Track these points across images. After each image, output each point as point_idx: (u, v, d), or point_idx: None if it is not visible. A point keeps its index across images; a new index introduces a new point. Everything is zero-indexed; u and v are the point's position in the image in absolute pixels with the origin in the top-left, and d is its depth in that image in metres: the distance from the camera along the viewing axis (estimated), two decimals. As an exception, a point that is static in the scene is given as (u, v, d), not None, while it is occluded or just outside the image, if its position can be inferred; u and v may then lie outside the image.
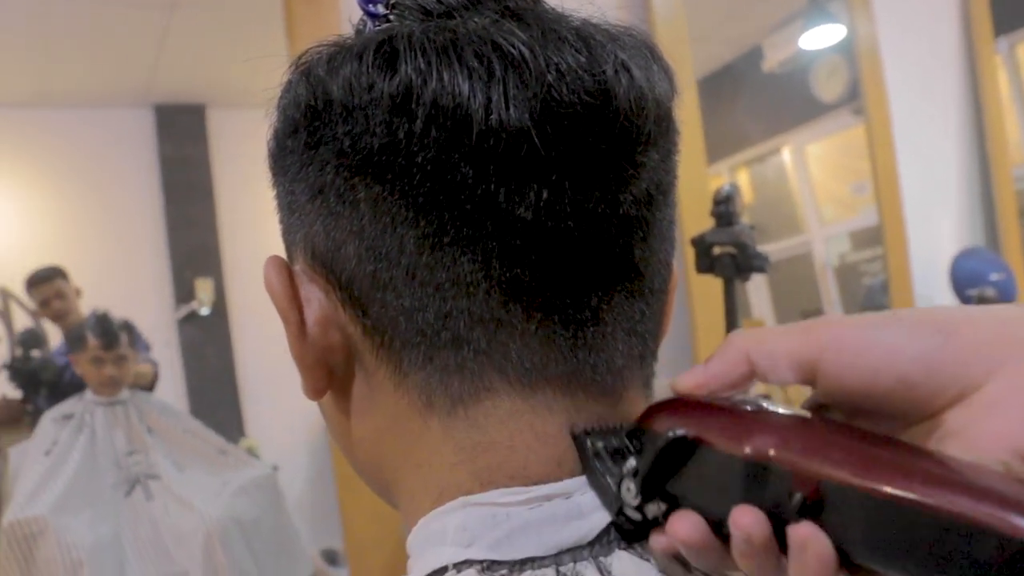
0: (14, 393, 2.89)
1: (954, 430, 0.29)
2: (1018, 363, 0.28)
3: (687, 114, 2.13)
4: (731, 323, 1.30)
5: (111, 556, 2.12)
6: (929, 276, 2.66)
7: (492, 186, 0.34)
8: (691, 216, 1.93)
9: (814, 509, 0.29)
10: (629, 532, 0.35)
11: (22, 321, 4.26)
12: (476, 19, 0.36)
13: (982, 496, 0.26)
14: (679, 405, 0.35)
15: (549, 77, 0.34)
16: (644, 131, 0.36)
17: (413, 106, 0.34)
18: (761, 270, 1.28)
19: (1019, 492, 0.26)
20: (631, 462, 0.35)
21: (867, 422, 0.32)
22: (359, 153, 0.35)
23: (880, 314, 0.31)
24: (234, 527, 2.16)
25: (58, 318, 3.05)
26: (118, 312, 2.56)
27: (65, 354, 2.70)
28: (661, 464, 0.33)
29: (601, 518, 0.36)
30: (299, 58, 0.38)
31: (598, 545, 0.36)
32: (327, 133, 0.36)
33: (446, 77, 0.34)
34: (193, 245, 4.49)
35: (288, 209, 0.40)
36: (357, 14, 0.40)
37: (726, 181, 3.71)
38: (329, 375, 0.40)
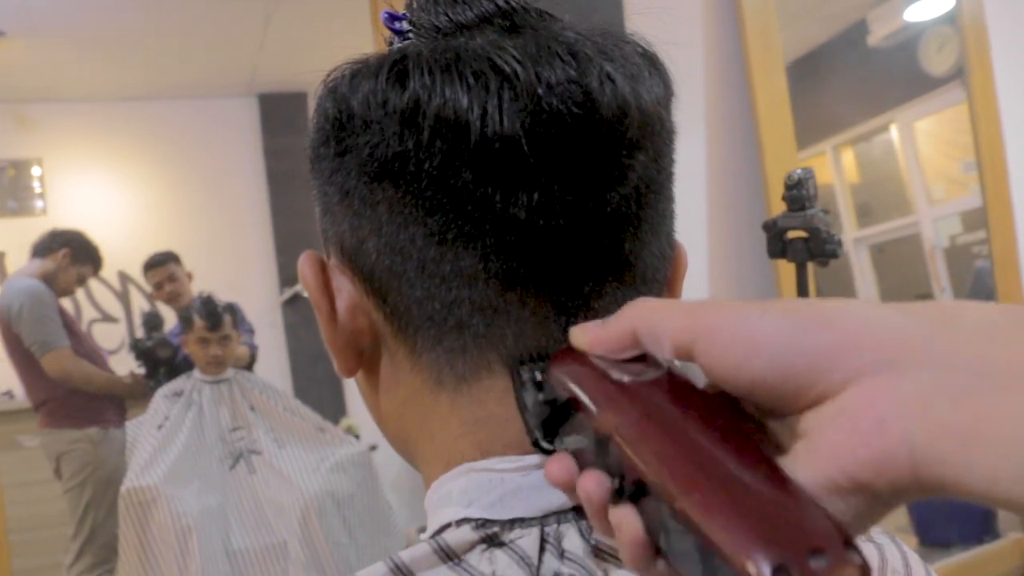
0: (139, 371, 3.09)
1: (805, 433, 0.28)
2: (875, 375, 0.26)
3: (775, 100, 2.09)
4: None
5: (217, 525, 2.24)
6: (1039, 259, 2.53)
7: (489, 189, 0.39)
8: (780, 204, 1.89)
9: (637, 494, 0.30)
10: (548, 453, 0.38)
11: (139, 303, 4.51)
12: (480, 37, 0.40)
13: (749, 529, 0.26)
14: (572, 361, 0.36)
15: (539, 90, 0.38)
16: (628, 136, 0.39)
17: (420, 119, 0.38)
18: (834, 255, 1.25)
19: (787, 530, 0.26)
20: (539, 398, 0.38)
21: (751, 405, 0.31)
22: (376, 161, 0.40)
23: (761, 302, 0.30)
24: (330, 501, 2.26)
25: (171, 300, 3.28)
26: (226, 295, 2.70)
27: (177, 335, 2.87)
28: (550, 415, 0.37)
29: None
30: (328, 75, 0.43)
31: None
32: (351, 143, 0.41)
33: (448, 92, 0.38)
34: (296, 229, 4.63)
35: (323, 210, 0.45)
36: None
37: (828, 161, 3.61)
38: (359, 356, 0.45)
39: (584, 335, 0.36)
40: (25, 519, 3.20)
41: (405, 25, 0.44)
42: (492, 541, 0.40)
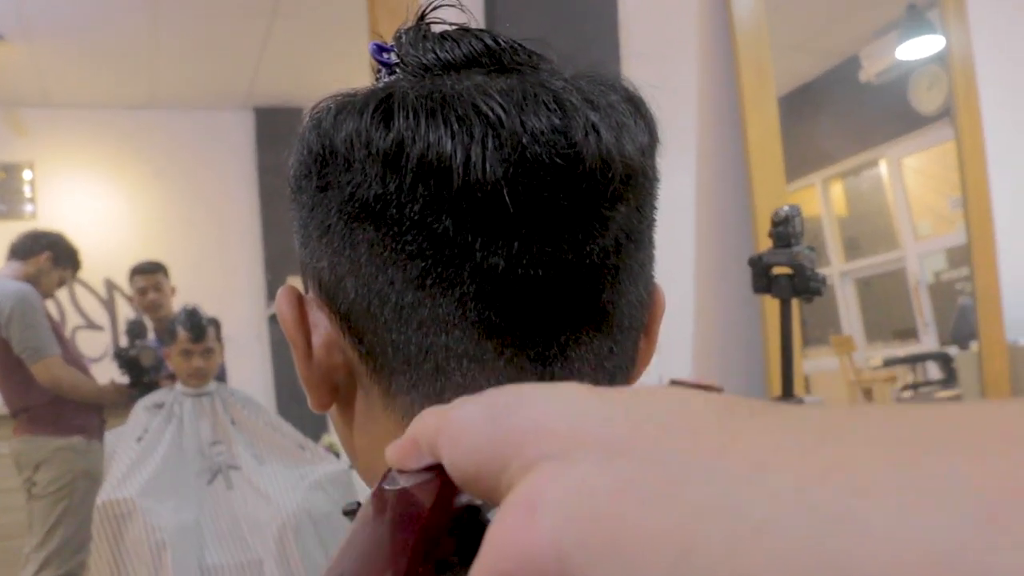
0: (122, 379, 3.07)
1: None
2: (549, 463, 0.22)
3: (766, 132, 2.11)
4: (786, 345, 1.28)
5: (192, 540, 2.22)
6: (1021, 299, 2.55)
7: (469, 236, 0.38)
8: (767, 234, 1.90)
9: None
10: None
11: (124, 312, 4.49)
12: (467, 78, 0.40)
13: None
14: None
15: (523, 138, 0.37)
16: (611, 188, 0.39)
17: (403, 162, 0.38)
18: (818, 292, 1.26)
19: None
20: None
21: None
22: (358, 201, 0.40)
23: (482, 392, 0.27)
24: (307, 520, 2.24)
25: (150, 309, 3.27)
26: (212, 307, 2.69)
27: (157, 346, 2.87)
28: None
29: None
30: (315, 106, 0.43)
31: None
32: (333, 180, 0.41)
33: (431, 136, 0.38)
34: (286, 245, 4.61)
35: (303, 243, 0.45)
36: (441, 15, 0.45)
37: (817, 194, 3.63)
38: (333, 391, 0.45)
39: (387, 451, 0.31)
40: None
41: (393, 58, 0.44)
42: None
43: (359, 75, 0.47)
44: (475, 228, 0.38)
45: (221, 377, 2.96)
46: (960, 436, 0.18)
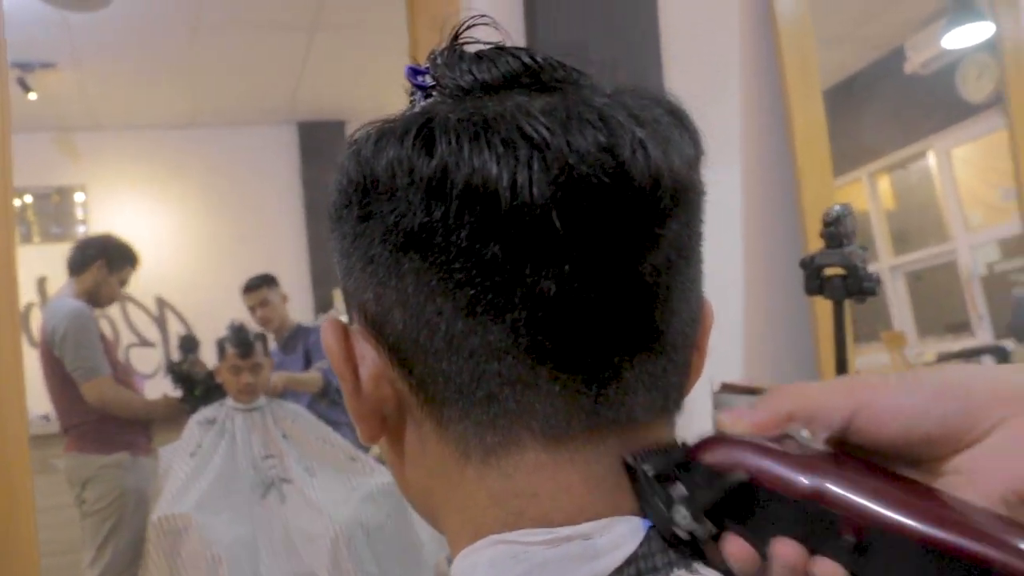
0: (175, 393, 3.11)
1: (962, 470, 0.36)
2: (1016, 418, 0.35)
3: (811, 126, 2.08)
4: (840, 345, 1.26)
5: (247, 554, 2.25)
6: (1083, 290, 2.47)
7: (519, 261, 0.37)
8: (816, 232, 1.87)
9: (861, 550, 0.34)
10: (682, 544, 0.40)
11: (175, 328, 4.57)
12: (507, 98, 0.39)
13: (1000, 544, 0.32)
14: (732, 444, 0.39)
15: (570, 159, 0.36)
16: (661, 206, 0.38)
17: (448, 189, 0.37)
18: (872, 292, 1.23)
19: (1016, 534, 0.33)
20: (680, 489, 0.39)
21: (882, 459, 0.38)
22: (402, 231, 0.39)
23: (906, 378, 0.38)
24: (359, 531, 2.25)
25: (263, 325, 3.33)
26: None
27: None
28: (723, 500, 0.38)
29: (614, 559, 0.39)
30: (352, 134, 0.42)
31: None
32: (375, 210, 0.40)
33: (476, 161, 0.37)
34: (333, 259, 4.66)
35: (346, 274, 0.44)
36: (475, 33, 0.45)
37: (864, 188, 3.57)
38: (382, 423, 0.44)
39: (742, 421, 0.39)
40: (57, 543, 3.21)
41: (428, 80, 0.43)
42: None
43: (400, 87, 0.46)
44: (525, 252, 0.37)
45: (325, 394, 3.00)
46: None
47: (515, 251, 0.37)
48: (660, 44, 1.91)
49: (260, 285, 3.38)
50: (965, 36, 2.76)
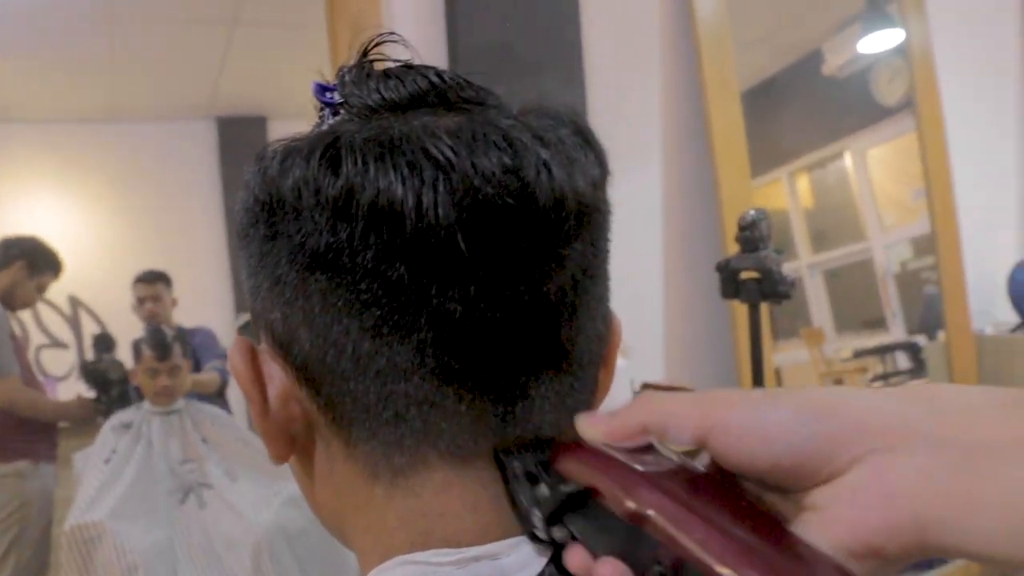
0: (88, 394, 3.00)
1: (818, 507, 0.32)
2: (880, 455, 0.31)
3: (730, 129, 2.11)
4: (756, 347, 1.29)
5: (165, 561, 2.19)
6: (986, 288, 2.58)
7: (425, 282, 0.38)
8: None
9: (675, 572, 0.32)
10: (543, 544, 0.39)
11: (90, 328, 4.43)
12: (414, 117, 0.39)
13: None
14: (581, 453, 0.38)
15: (475, 181, 0.37)
16: (565, 227, 0.39)
17: (353, 209, 0.37)
18: (786, 296, 1.26)
19: None
20: (541, 490, 0.39)
21: (754, 485, 0.35)
22: (308, 250, 0.39)
23: (766, 395, 0.34)
24: (281, 537, 2.21)
25: (148, 320, 3.21)
26: (179, 318, 2.64)
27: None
28: (561, 506, 0.38)
29: None
30: (260, 152, 0.42)
31: None
32: (281, 229, 0.40)
33: (381, 182, 0.37)
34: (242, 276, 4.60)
35: (253, 293, 0.43)
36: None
37: (784, 188, 3.65)
38: (291, 443, 0.44)
39: (596, 428, 0.37)
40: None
41: (336, 97, 0.43)
42: None
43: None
44: (430, 273, 0.37)
45: (221, 394, 2.93)
46: None
47: (421, 272, 0.37)
48: (582, 47, 1.92)
49: (157, 280, 3.28)
50: (878, 41, 2.85)
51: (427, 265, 0.37)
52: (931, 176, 2.51)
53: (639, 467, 0.35)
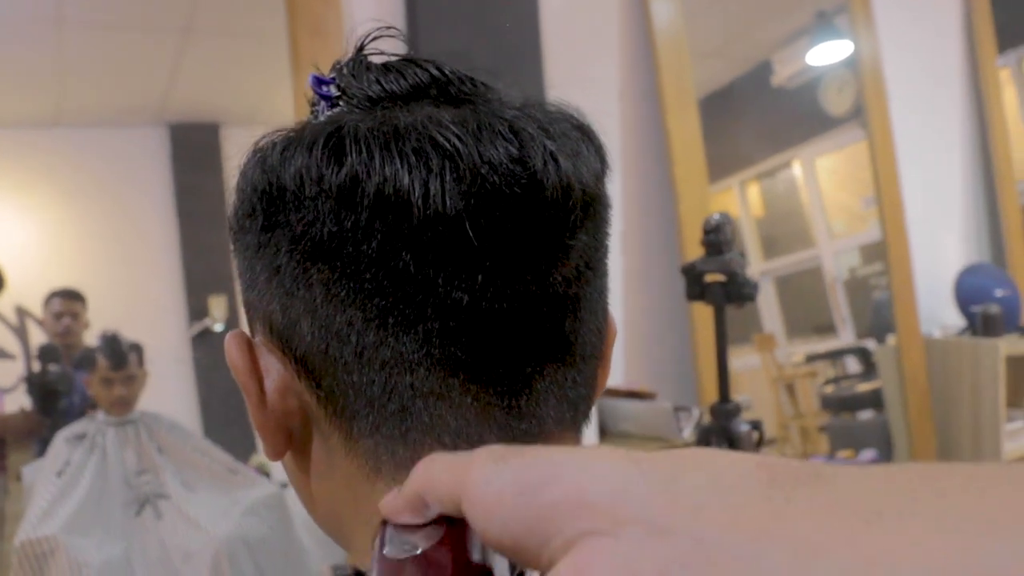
0: (32, 407, 2.93)
1: None
2: (588, 540, 0.23)
3: (688, 136, 2.15)
4: (721, 349, 1.31)
5: (121, 575, 2.15)
6: (934, 292, 2.65)
7: (431, 272, 0.37)
8: (693, 238, 1.93)
9: None
10: None
11: (37, 339, 4.32)
12: (416, 109, 0.39)
13: None
14: (377, 531, 0.33)
15: (482, 170, 0.36)
16: (571, 217, 0.39)
17: (358, 198, 0.37)
18: (750, 298, 1.29)
19: None
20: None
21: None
22: (311, 240, 0.38)
23: (507, 453, 0.27)
24: (241, 546, 2.18)
25: (63, 335, 3.14)
26: (132, 330, 2.59)
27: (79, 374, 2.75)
28: None
29: None
30: (256, 142, 0.41)
31: None
32: (281, 219, 0.39)
33: (387, 171, 0.36)
34: (207, 263, 4.52)
35: (249, 285, 0.42)
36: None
37: (735, 196, 3.71)
38: (288, 438, 0.43)
39: (384, 505, 0.31)
40: None
41: (333, 90, 0.42)
42: None
43: (276, 89, 0.45)
44: (437, 263, 0.37)
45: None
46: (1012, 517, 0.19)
47: (427, 261, 0.37)
48: (541, 55, 1.94)
49: (77, 297, 3.22)
50: (827, 53, 2.92)
51: (433, 254, 0.37)
52: (881, 184, 2.57)
53: (387, 550, 0.30)
